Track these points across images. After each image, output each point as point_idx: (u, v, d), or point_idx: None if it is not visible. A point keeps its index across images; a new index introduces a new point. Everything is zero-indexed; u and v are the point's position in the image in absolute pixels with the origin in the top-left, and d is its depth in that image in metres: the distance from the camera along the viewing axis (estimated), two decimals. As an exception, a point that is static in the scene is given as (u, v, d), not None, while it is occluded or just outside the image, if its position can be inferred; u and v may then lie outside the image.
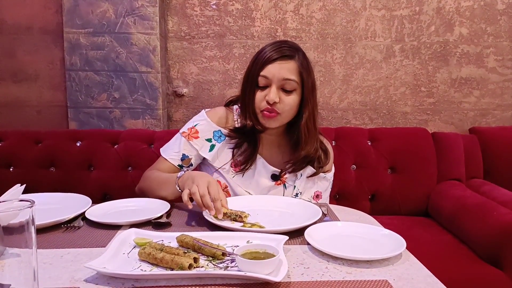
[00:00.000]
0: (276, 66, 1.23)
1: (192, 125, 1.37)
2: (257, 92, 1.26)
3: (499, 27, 2.21)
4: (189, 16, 2.18)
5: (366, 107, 2.26)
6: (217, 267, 0.78)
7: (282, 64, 1.24)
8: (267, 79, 1.24)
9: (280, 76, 1.23)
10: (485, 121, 2.28)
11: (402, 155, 1.94)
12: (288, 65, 1.24)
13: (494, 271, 1.40)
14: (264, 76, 1.24)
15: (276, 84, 1.23)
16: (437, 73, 2.24)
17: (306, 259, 0.84)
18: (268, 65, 1.23)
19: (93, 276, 0.75)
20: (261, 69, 1.24)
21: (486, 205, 1.58)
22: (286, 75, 1.23)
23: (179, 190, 1.17)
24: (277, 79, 1.23)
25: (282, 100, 1.24)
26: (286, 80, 1.23)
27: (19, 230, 0.60)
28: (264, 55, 1.25)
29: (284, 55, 1.24)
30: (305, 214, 1.09)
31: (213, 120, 1.36)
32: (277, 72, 1.23)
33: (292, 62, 1.25)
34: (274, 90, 1.23)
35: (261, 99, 1.25)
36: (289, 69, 1.24)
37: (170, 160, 1.34)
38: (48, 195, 1.25)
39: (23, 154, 1.88)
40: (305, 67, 1.27)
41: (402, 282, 0.74)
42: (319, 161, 1.34)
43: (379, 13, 2.19)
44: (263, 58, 1.24)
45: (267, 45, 1.28)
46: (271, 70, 1.23)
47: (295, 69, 1.25)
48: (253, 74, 1.26)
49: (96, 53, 2.05)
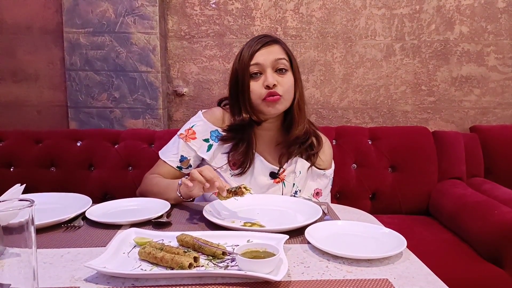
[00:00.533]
0: (264, 51, 1.27)
1: (189, 126, 1.37)
2: (252, 83, 1.27)
3: (499, 25, 2.20)
4: (189, 15, 2.18)
5: (366, 106, 2.26)
6: (217, 266, 0.78)
7: (269, 48, 1.28)
8: (260, 65, 1.26)
9: (272, 58, 1.27)
10: (486, 119, 2.28)
11: (403, 154, 1.94)
12: (274, 48, 1.29)
13: (495, 269, 1.40)
14: (256, 63, 1.26)
15: (270, 66, 1.26)
16: (437, 71, 2.23)
17: (307, 258, 0.84)
18: (256, 53, 1.27)
19: (93, 276, 0.75)
20: (251, 58, 1.26)
21: (487, 203, 1.58)
22: (277, 55, 1.27)
23: (179, 195, 1.18)
24: (270, 61, 1.26)
25: (279, 82, 1.26)
26: (278, 60, 1.27)
27: (18, 230, 0.60)
28: (250, 47, 1.28)
29: (269, 41, 1.29)
30: (305, 213, 1.09)
31: (209, 120, 1.37)
32: (267, 55, 1.27)
33: (277, 46, 1.30)
34: (270, 73, 1.26)
35: (259, 87, 1.27)
36: (277, 51, 1.29)
37: (169, 162, 1.35)
38: (48, 195, 1.25)
39: (23, 154, 1.88)
40: (289, 50, 1.33)
41: (403, 280, 0.74)
42: (311, 148, 1.36)
43: (379, 11, 2.19)
44: (249, 51, 1.27)
45: (248, 42, 1.32)
46: (261, 56, 1.27)
47: (282, 50, 1.30)
48: (243, 67, 1.27)
49: (96, 53, 2.05)
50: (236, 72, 1.30)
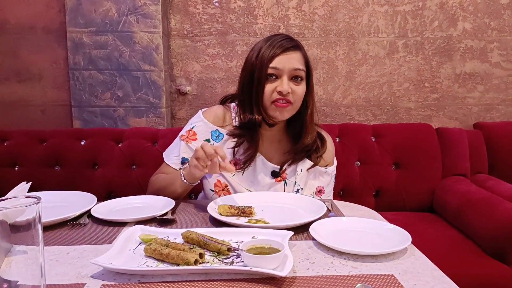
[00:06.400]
0: (285, 57, 1.25)
1: (190, 127, 1.37)
2: (267, 84, 1.26)
3: (503, 21, 2.19)
4: (192, 14, 2.18)
5: (369, 103, 2.25)
6: (222, 263, 0.78)
7: (291, 55, 1.26)
8: (278, 70, 1.24)
9: (291, 66, 1.24)
10: (490, 116, 2.27)
11: (406, 151, 1.94)
12: (296, 55, 1.27)
13: (500, 266, 1.40)
14: (275, 67, 1.24)
15: (287, 74, 1.24)
16: (440, 68, 2.23)
17: (312, 254, 0.84)
18: (277, 56, 1.24)
19: (99, 272, 0.75)
20: (271, 61, 1.24)
21: (491, 200, 1.58)
22: (296, 65, 1.25)
23: (184, 180, 1.21)
24: (288, 69, 1.24)
25: (293, 91, 1.25)
26: (296, 70, 1.25)
27: (26, 228, 0.60)
28: (273, 46, 1.25)
29: (291, 46, 1.26)
30: (310, 209, 1.10)
31: (209, 120, 1.37)
32: (287, 62, 1.24)
33: (299, 53, 1.28)
34: (286, 81, 1.24)
35: (271, 90, 1.25)
36: (298, 59, 1.27)
37: (172, 165, 1.36)
38: (53, 193, 1.25)
39: (27, 153, 1.89)
40: (308, 58, 1.31)
41: (408, 276, 0.74)
42: (316, 151, 1.36)
43: (382, 8, 2.18)
44: (271, 49, 1.25)
45: (268, 39, 1.29)
46: (281, 61, 1.24)
47: (302, 59, 1.28)
48: (261, 68, 1.25)
49: (99, 52, 2.06)
50: (252, 68, 1.27)
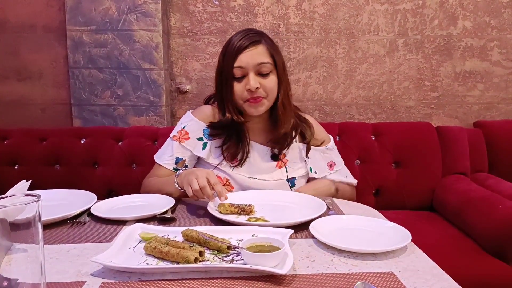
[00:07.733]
0: (248, 54, 1.26)
1: (181, 127, 1.38)
2: (235, 84, 1.28)
3: (503, 20, 2.19)
4: (192, 12, 2.18)
5: (369, 102, 2.25)
6: (222, 261, 0.79)
7: (252, 50, 1.27)
8: (243, 69, 1.26)
9: (255, 62, 1.26)
10: (490, 114, 2.27)
11: (407, 149, 1.94)
12: (258, 50, 1.28)
13: (500, 264, 1.40)
14: (239, 66, 1.26)
15: (253, 70, 1.26)
16: (440, 67, 2.23)
17: (312, 252, 0.84)
18: (239, 55, 1.26)
19: (99, 270, 0.75)
20: (234, 60, 1.26)
21: (491, 198, 1.58)
22: (260, 59, 1.26)
23: (178, 188, 1.19)
24: (252, 65, 1.26)
25: (262, 85, 1.27)
26: (261, 64, 1.26)
27: (26, 226, 0.60)
28: (233, 46, 1.27)
29: (252, 41, 1.28)
30: (310, 208, 1.10)
31: (200, 119, 1.38)
32: (250, 58, 1.26)
33: (261, 46, 1.29)
34: (253, 77, 1.26)
35: (241, 89, 1.28)
36: (260, 53, 1.28)
37: (165, 165, 1.36)
38: (53, 192, 1.26)
39: (27, 152, 1.89)
40: (274, 48, 1.32)
41: (408, 273, 0.74)
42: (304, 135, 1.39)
43: (382, 7, 2.18)
44: (232, 50, 1.27)
45: (233, 36, 1.31)
46: (244, 58, 1.26)
47: (266, 51, 1.29)
48: (227, 68, 1.28)
49: (99, 51, 2.06)
50: (221, 70, 1.31)
